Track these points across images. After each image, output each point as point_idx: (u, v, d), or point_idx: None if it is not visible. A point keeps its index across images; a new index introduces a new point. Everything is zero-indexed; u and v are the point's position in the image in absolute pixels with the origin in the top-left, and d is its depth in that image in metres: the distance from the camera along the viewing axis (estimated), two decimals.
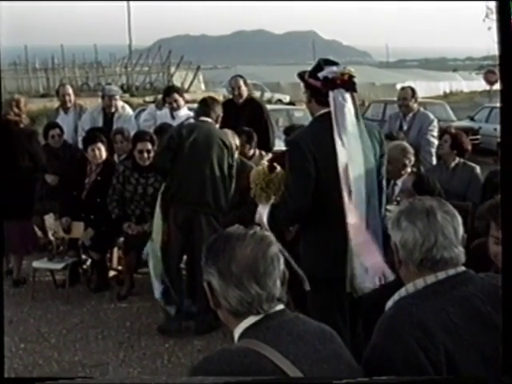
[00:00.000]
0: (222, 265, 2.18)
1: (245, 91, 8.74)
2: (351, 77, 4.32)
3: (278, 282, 2.22)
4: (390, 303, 2.54)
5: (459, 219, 2.59)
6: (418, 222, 2.53)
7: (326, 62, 4.40)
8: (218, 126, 6.58)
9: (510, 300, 2.08)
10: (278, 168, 4.59)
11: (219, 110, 6.55)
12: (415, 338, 2.32)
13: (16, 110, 7.78)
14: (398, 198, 5.74)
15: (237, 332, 2.22)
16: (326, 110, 4.34)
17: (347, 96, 4.29)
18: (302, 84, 4.67)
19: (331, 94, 4.28)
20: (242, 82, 8.73)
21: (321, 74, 4.32)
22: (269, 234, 2.33)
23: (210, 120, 6.44)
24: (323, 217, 4.33)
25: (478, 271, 2.90)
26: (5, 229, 5.97)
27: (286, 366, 2.06)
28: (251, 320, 2.19)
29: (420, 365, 2.29)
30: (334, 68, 4.32)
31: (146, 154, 7.24)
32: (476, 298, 2.45)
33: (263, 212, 4.64)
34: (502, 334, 2.14)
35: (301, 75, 4.57)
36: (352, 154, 4.28)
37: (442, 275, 2.51)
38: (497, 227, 2.97)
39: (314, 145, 4.27)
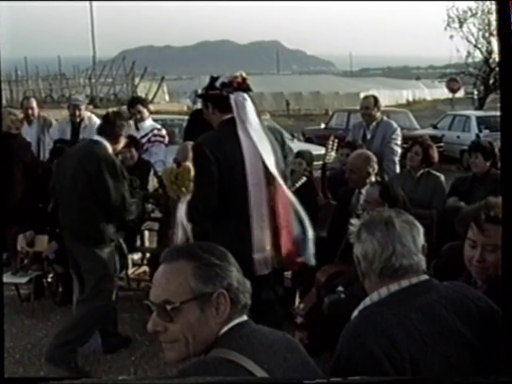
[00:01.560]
0: (235, 263, 2.25)
1: None
2: (244, 79, 4.59)
3: None
4: (355, 313, 2.56)
5: (419, 228, 2.64)
6: (376, 232, 2.57)
7: (216, 78, 4.67)
8: (121, 144, 6.03)
9: (510, 299, 2.09)
10: (185, 164, 4.79)
11: (122, 128, 5.94)
12: (380, 346, 2.33)
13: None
14: (363, 209, 5.74)
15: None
16: (229, 116, 4.52)
17: (246, 96, 4.52)
18: (201, 103, 4.94)
19: (232, 97, 4.49)
20: None
21: (217, 83, 4.57)
22: None
23: (99, 139, 5.88)
24: (228, 217, 4.46)
25: (450, 274, 2.91)
26: None
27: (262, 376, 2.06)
28: (230, 325, 2.18)
29: (385, 372, 2.30)
30: (226, 75, 4.62)
31: None
32: (440, 305, 2.47)
33: (183, 209, 4.82)
34: (501, 333, 2.15)
35: (200, 95, 4.89)
36: (262, 147, 4.44)
37: (405, 283, 2.53)
38: (478, 230, 2.95)
39: (216, 147, 4.41)
